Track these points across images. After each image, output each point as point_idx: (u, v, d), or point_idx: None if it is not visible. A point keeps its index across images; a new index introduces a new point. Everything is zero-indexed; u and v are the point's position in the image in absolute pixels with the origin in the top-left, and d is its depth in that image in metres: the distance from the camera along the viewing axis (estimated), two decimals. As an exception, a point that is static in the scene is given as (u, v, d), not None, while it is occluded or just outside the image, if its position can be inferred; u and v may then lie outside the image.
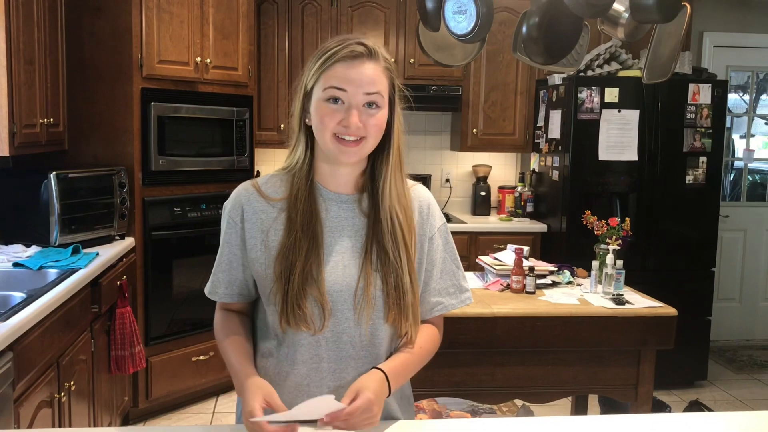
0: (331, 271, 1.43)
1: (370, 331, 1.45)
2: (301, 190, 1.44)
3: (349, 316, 1.44)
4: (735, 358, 5.11)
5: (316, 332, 1.42)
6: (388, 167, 1.45)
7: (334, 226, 1.46)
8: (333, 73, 1.37)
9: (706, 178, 4.39)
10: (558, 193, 4.50)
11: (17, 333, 2.12)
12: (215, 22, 3.91)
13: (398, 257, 1.44)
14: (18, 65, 2.90)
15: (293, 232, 1.42)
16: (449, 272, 1.58)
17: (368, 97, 1.38)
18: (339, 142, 1.39)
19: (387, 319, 1.44)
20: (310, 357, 1.45)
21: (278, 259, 1.42)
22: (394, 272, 1.43)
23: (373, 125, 1.39)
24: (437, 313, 1.57)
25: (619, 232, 3.02)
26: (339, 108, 1.38)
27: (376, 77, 1.39)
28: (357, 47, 1.38)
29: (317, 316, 1.41)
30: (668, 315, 2.78)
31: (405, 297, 1.44)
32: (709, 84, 4.36)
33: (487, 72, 4.85)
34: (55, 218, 3.14)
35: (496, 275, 3.07)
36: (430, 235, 1.54)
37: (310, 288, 1.40)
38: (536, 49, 2.04)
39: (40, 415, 2.35)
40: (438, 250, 1.55)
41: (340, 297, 1.43)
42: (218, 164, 4.04)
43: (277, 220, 1.45)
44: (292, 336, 1.45)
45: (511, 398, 2.88)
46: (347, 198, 1.48)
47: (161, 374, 3.80)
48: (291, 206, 1.44)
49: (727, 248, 5.35)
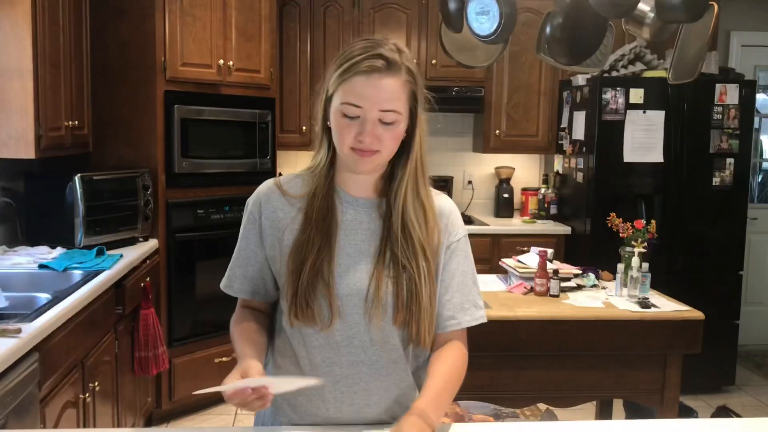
0: (342, 274, 1.43)
1: (381, 336, 1.43)
2: (320, 189, 1.45)
3: (360, 320, 1.43)
4: (764, 363, 5.02)
5: (323, 329, 1.42)
6: (405, 174, 1.44)
7: (349, 228, 1.45)
8: (351, 88, 1.36)
9: (734, 179, 4.32)
10: (582, 195, 4.46)
11: (43, 334, 2.14)
12: (238, 25, 3.93)
13: (413, 263, 1.41)
14: (44, 69, 2.93)
15: (308, 229, 1.43)
16: (467, 287, 1.53)
17: (384, 114, 1.36)
18: (355, 153, 1.38)
19: (395, 321, 1.42)
20: (323, 360, 1.44)
21: (292, 255, 1.43)
22: (408, 278, 1.41)
23: (388, 139, 1.38)
24: (450, 329, 1.51)
25: (644, 234, 2.98)
26: (354, 122, 1.37)
27: (394, 94, 1.37)
28: (376, 62, 1.35)
29: (325, 313, 1.41)
30: (695, 319, 2.73)
31: (419, 303, 1.41)
32: (736, 84, 4.29)
33: (510, 73, 4.82)
34: (79, 220, 3.17)
35: (519, 278, 3.04)
36: (448, 245, 1.51)
37: (320, 284, 1.40)
38: (560, 50, 2.02)
39: (65, 415, 2.37)
40: (458, 262, 1.52)
41: (350, 301, 1.42)
42: (241, 166, 4.05)
43: (294, 220, 1.46)
44: (303, 337, 1.45)
45: (535, 402, 2.86)
46: (365, 202, 1.47)
47: (184, 376, 3.82)
48: (309, 204, 1.45)
49: (755, 251, 5.26)
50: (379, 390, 1.46)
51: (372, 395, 1.46)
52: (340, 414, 1.46)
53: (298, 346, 1.47)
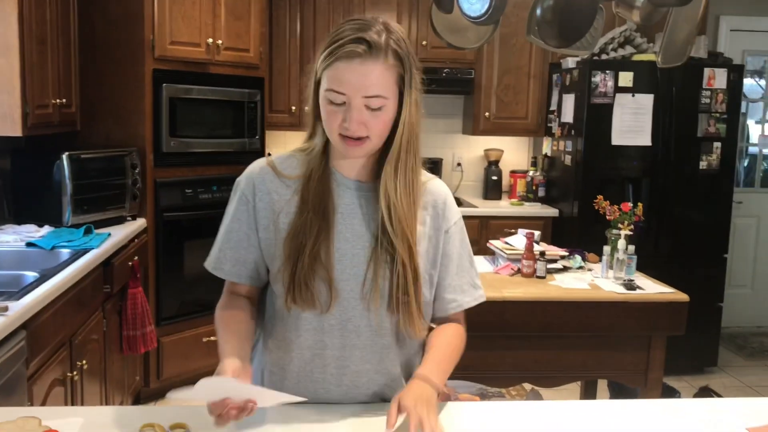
0: (339, 259, 1.42)
1: (377, 320, 1.44)
2: (315, 170, 1.43)
3: (356, 305, 1.43)
4: (746, 345, 5.09)
5: (323, 312, 1.42)
6: (390, 159, 1.41)
7: (346, 212, 1.44)
8: (334, 73, 1.33)
9: (720, 163, 4.36)
10: (570, 177, 4.48)
11: (30, 312, 2.14)
12: (227, 3, 3.89)
13: (404, 249, 1.41)
14: (30, 46, 2.90)
15: (305, 211, 1.41)
16: (465, 269, 1.56)
17: (367, 100, 1.33)
18: (343, 140, 1.36)
19: (390, 306, 1.43)
20: (314, 342, 1.45)
21: (288, 239, 1.41)
22: (400, 262, 1.41)
23: (375, 125, 1.35)
24: (452, 311, 1.55)
25: (631, 217, 3.00)
26: (340, 109, 1.34)
27: (376, 79, 1.32)
28: (357, 46, 1.31)
29: (324, 296, 1.41)
30: (679, 301, 2.77)
31: (409, 289, 1.42)
32: (724, 68, 4.31)
33: (500, 55, 4.82)
34: (67, 198, 3.15)
35: (506, 259, 3.06)
36: (446, 229, 1.52)
37: (319, 268, 1.39)
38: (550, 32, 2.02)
39: (53, 393, 2.37)
40: (454, 246, 1.53)
41: (347, 286, 1.42)
42: (229, 146, 4.04)
43: (290, 202, 1.44)
44: (297, 320, 1.44)
45: (520, 382, 2.89)
46: (361, 185, 1.46)
47: (172, 354, 3.83)
48: (304, 186, 1.43)
49: (739, 235, 5.32)
50: (369, 372, 1.47)
51: (361, 377, 1.47)
52: (328, 395, 1.47)
53: (290, 329, 1.46)
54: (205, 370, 4.03)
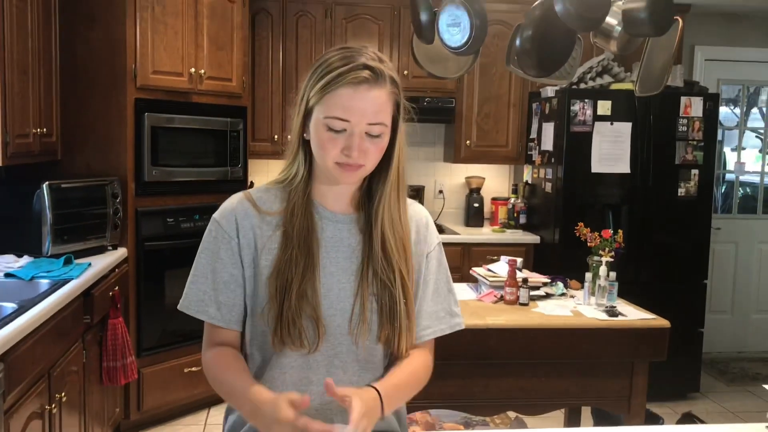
0: (325, 294, 1.39)
1: (365, 354, 1.42)
2: (298, 205, 1.40)
3: (343, 340, 1.40)
4: (727, 370, 5.12)
5: (310, 352, 1.38)
6: (385, 188, 1.41)
7: (329, 246, 1.42)
8: (337, 100, 1.31)
9: (698, 190, 4.41)
10: (551, 204, 4.51)
11: (8, 344, 2.11)
12: (210, 33, 3.92)
13: (392, 279, 1.39)
14: (12, 75, 2.89)
15: (289, 248, 1.37)
16: (442, 295, 1.53)
17: (371, 127, 1.33)
18: (340, 167, 1.35)
19: (380, 339, 1.41)
20: (299, 379, 1.41)
21: (273, 278, 1.38)
22: (389, 294, 1.39)
23: (373, 152, 1.35)
24: (426, 338, 1.50)
25: (611, 244, 3.03)
26: (340, 136, 1.32)
27: (381, 106, 1.33)
28: (362, 72, 1.31)
29: (311, 333, 1.37)
30: (661, 327, 2.78)
31: (399, 318, 1.39)
32: (700, 97, 4.39)
33: (480, 84, 4.87)
34: (47, 228, 3.12)
35: (489, 287, 3.07)
36: (427, 253, 1.51)
37: (305, 306, 1.36)
38: (529, 62, 2.05)
39: (31, 426, 2.33)
40: (432, 271, 1.51)
41: (334, 321, 1.39)
42: (212, 175, 4.04)
43: (271, 238, 1.40)
44: (281, 358, 1.41)
45: (505, 410, 2.88)
46: (344, 218, 1.44)
47: (153, 386, 3.77)
48: (287, 221, 1.39)
49: (719, 260, 5.37)
50: None
51: (345, 413, 1.45)
52: None
53: (272, 367, 1.42)
54: (186, 401, 3.97)
